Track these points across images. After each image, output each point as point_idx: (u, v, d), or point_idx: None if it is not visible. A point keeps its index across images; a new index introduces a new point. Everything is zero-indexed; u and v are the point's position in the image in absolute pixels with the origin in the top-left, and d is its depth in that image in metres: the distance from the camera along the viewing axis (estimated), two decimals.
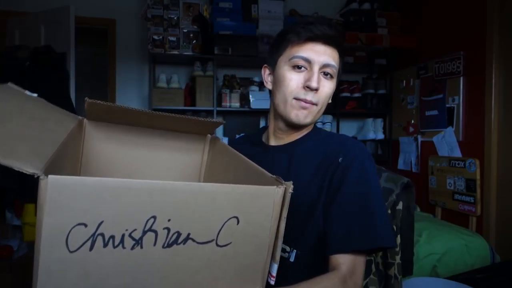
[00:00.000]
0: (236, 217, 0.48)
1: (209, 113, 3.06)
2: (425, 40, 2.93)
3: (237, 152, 0.73)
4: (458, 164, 2.46)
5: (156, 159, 0.83)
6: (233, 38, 2.83)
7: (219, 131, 3.24)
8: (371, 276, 0.89)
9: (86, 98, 0.66)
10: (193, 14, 2.89)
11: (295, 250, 0.76)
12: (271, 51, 0.85)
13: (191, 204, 0.45)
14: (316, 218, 0.75)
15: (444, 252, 2.01)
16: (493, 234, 2.28)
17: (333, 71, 0.78)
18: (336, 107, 3.18)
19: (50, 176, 0.37)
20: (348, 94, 3.22)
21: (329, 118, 3.16)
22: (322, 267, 0.74)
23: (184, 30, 2.88)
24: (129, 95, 3.20)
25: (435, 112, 2.73)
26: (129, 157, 0.80)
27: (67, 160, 0.60)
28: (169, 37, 2.84)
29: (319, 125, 3.08)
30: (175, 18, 2.86)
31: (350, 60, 3.19)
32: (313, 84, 0.75)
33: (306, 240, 0.75)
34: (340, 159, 0.76)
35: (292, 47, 0.78)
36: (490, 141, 2.29)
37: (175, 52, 2.86)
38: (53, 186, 0.38)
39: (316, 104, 0.79)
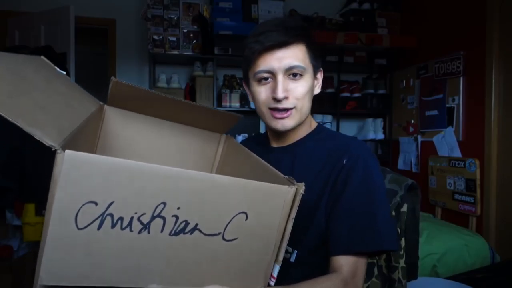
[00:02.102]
0: (245, 213, 0.48)
1: None
2: (425, 40, 2.93)
3: (250, 152, 0.73)
4: (458, 164, 2.46)
5: (170, 149, 0.83)
6: (233, 38, 2.83)
7: None
8: (373, 279, 0.88)
9: (112, 77, 0.66)
10: (193, 14, 2.89)
11: (296, 251, 0.76)
12: (242, 68, 0.85)
13: (202, 194, 0.45)
14: (318, 219, 0.75)
15: (444, 252, 2.01)
16: (493, 234, 2.28)
17: (300, 70, 0.75)
18: (336, 107, 3.18)
19: (67, 151, 0.38)
20: (348, 94, 3.22)
21: (329, 118, 3.16)
22: (322, 267, 0.74)
23: (184, 30, 2.88)
24: None
25: (435, 112, 2.73)
26: (144, 146, 0.81)
27: (85, 138, 0.61)
28: (169, 37, 2.84)
29: None
30: (175, 18, 2.86)
31: (350, 60, 3.19)
32: (278, 95, 0.74)
33: (308, 241, 0.75)
34: (344, 161, 0.75)
35: (254, 62, 0.77)
36: (490, 141, 2.29)
37: (175, 52, 2.86)
38: (69, 161, 0.38)
39: (293, 108, 0.77)
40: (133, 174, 0.41)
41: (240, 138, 2.94)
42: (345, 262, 0.69)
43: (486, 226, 2.30)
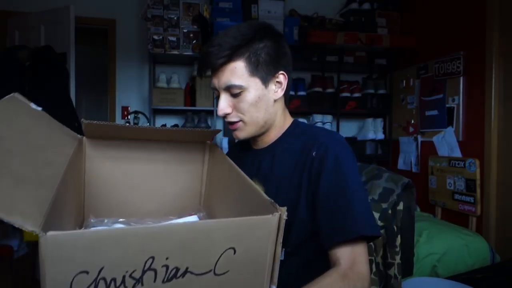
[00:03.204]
0: (233, 248, 0.49)
1: (209, 113, 3.07)
2: (425, 40, 2.93)
3: (233, 164, 0.74)
4: (458, 164, 2.46)
5: (156, 173, 0.84)
6: None
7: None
8: (372, 276, 0.89)
9: (83, 120, 0.68)
10: (193, 14, 2.89)
11: (283, 248, 0.76)
12: None
13: (187, 242, 0.47)
14: (301, 213, 0.76)
15: (444, 252, 2.01)
16: (493, 234, 2.28)
17: (237, 88, 0.78)
18: (336, 107, 3.18)
19: (48, 234, 0.39)
20: (348, 94, 3.22)
21: (329, 118, 3.16)
22: (311, 260, 0.76)
23: (184, 30, 2.88)
24: (129, 95, 3.21)
25: (435, 112, 2.73)
26: (128, 174, 0.82)
27: (69, 190, 0.61)
28: (169, 37, 2.84)
29: (318, 125, 3.08)
30: (175, 18, 2.86)
31: (350, 60, 3.19)
32: (218, 113, 0.81)
33: (294, 237, 0.76)
34: (314, 153, 0.77)
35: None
36: (490, 141, 2.29)
37: (175, 52, 2.86)
38: (52, 242, 0.39)
39: (239, 121, 0.82)
40: (117, 239, 0.43)
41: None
42: (340, 254, 0.69)
43: (486, 226, 2.30)
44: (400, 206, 0.93)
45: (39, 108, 0.69)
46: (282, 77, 0.82)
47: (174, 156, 0.85)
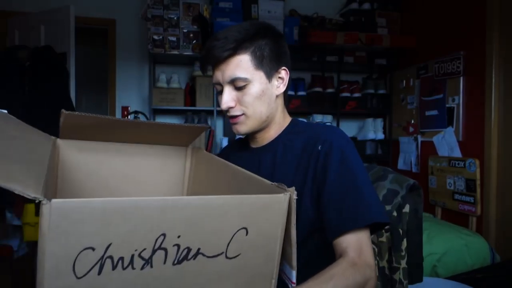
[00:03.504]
0: (245, 228, 0.48)
1: (209, 113, 3.06)
2: (425, 40, 2.93)
3: (227, 162, 0.73)
4: (458, 164, 2.46)
5: (134, 174, 0.81)
6: None
7: (219, 131, 3.24)
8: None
9: (63, 110, 0.64)
10: (193, 14, 2.89)
11: None
12: None
13: (201, 219, 0.44)
14: (304, 209, 0.76)
15: (444, 252, 2.01)
16: (493, 234, 2.28)
17: (242, 81, 0.79)
18: (336, 107, 3.18)
19: (53, 201, 0.35)
20: (348, 94, 3.22)
21: (329, 118, 3.16)
22: (314, 257, 0.76)
23: (184, 30, 2.88)
24: (129, 95, 3.21)
25: (435, 112, 2.73)
26: (106, 175, 0.78)
27: (50, 182, 0.58)
28: (169, 37, 2.84)
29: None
30: (175, 18, 2.86)
31: (350, 60, 3.19)
32: (222, 106, 0.82)
33: (299, 231, 0.75)
34: (319, 147, 0.78)
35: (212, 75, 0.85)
36: (490, 141, 2.29)
37: (175, 52, 2.86)
38: (57, 211, 0.36)
39: (242, 114, 0.83)
40: (128, 212, 0.40)
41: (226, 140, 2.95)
42: (347, 244, 0.69)
43: (486, 226, 2.30)
44: (406, 209, 0.91)
45: (4, 111, 0.65)
46: (284, 73, 0.84)
47: (155, 158, 0.82)
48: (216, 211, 0.45)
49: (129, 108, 3.19)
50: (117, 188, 0.79)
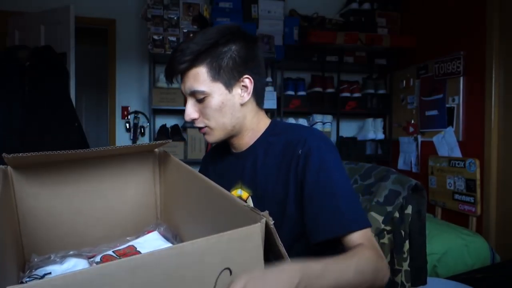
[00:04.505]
0: (228, 268, 0.45)
1: None
2: (425, 40, 2.92)
3: (195, 171, 0.71)
4: (458, 164, 2.46)
5: (100, 192, 0.76)
6: None
7: None
8: None
9: (4, 154, 0.58)
10: (193, 14, 2.89)
11: None
12: None
13: (178, 270, 0.41)
14: (289, 211, 0.77)
15: (444, 252, 2.01)
16: (493, 234, 2.28)
17: (200, 93, 0.79)
18: (336, 107, 3.17)
19: None
20: (348, 94, 3.22)
21: (329, 118, 3.16)
22: (308, 255, 0.75)
23: (184, 30, 2.88)
24: (129, 95, 3.20)
25: (435, 112, 2.72)
26: (67, 199, 0.73)
27: (3, 231, 0.53)
28: (169, 37, 2.84)
29: (319, 125, 3.08)
30: (175, 18, 2.86)
31: (350, 60, 3.19)
32: (185, 118, 0.83)
33: (284, 235, 0.75)
34: (300, 151, 0.77)
35: None
36: (490, 141, 2.29)
37: None
38: None
39: (205, 126, 0.83)
40: (96, 284, 0.36)
41: None
42: (352, 241, 0.70)
43: (486, 226, 2.30)
44: (408, 210, 0.89)
45: None
46: (247, 81, 0.81)
47: (118, 170, 0.77)
48: (193, 257, 0.42)
49: (129, 108, 3.19)
50: (82, 209, 0.74)
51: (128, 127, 3.16)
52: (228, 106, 0.81)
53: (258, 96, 0.85)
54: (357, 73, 3.47)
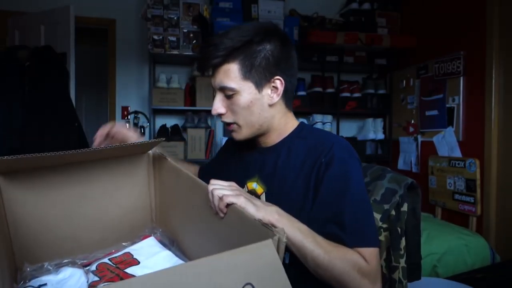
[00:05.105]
0: (250, 284, 0.43)
1: (209, 113, 3.06)
2: (425, 40, 2.92)
3: (193, 177, 0.69)
4: (458, 164, 2.45)
5: (93, 196, 0.74)
6: None
7: (219, 131, 3.24)
8: None
9: None
10: (193, 14, 2.89)
11: (287, 252, 0.74)
12: None
13: (205, 282, 0.39)
14: (304, 218, 0.74)
15: (444, 252, 2.01)
16: (493, 234, 2.28)
17: (229, 90, 0.78)
18: (336, 107, 3.17)
19: None
20: (348, 94, 3.22)
21: (329, 118, 3.16)
22: None
23: (184, 30, 2.88)
24: (129, 95, 3.20)
25: (435, 112, 2.72)
26: (62, 205, 0.71)
27: None
28: (169, 37, 2.84)
29: (319, 125, 3.08)
30: (175, 18, 2.86)
31: (350, 60, 3.19)
32: (212, 112, 0.82)
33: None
34: (323, 159, 0.76)
35: None
36: (490, 141, 2.29)
37: (175, 52, 2.85)
38: None
39: (233, 123, 0.82)
40: None
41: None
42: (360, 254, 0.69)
43: (486, 226, 2.30)
44: (404, 208, 0.91)
45: None
46: (278, 83, 0.80)
47: (111, 172, 0.75)
48: (209, 276, 0.40)
49: (129, 108, 3.19)
50: (75, 213, 0.72)
51: (128, 127, 3.15)
52: (256, 105, 0.80)
53: (287, 98, 0.84)
54: (357, 73, 3.47)
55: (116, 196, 0.77)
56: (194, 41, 2.89)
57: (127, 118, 3.18)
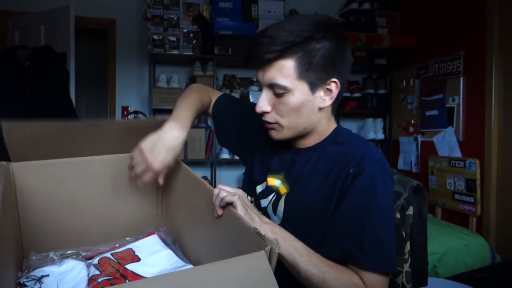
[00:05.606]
0: None
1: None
2: (425, 40, 2.92)
3: (203, 181, 0.68)
4: (458, 164, 2.45)
5: (100, 190, 0.75)
6: (233, 38, 2.83)
7: None
8: None
9: (2, 121, 0.58)
10: (193, 14, 2.89)
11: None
12: None
13: None
14: (323, 229, 0.72)
15: (444, 252, 2.01)
16: (493, 234, 2.28)
17: (280, 88, 0.71)
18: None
19: None
20: (348, 94, 3.22)
21: None
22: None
23: (184, 30, 2.88)
24: (129, 95, 3.20)
25: (435, 112, 2.72)
26: (67, 196, 0.73)
27: (3, 227, 0.53)
28: (169, 37, 2.84)
29: None
30: (175, 18, 2.86)
31: None
32: (256, 109, 0.75)
33: (313, 244, 0.72)
34: (351, 170, 0.71)
35: None
36: (490, 141, 2.29)
37: (175, 52, 2.85)
38: None
39: (276, 123, 0.75)
40: None
41: None
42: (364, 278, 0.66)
43: (486, 226, 2.30)
44: (410, 211, 0.88)
45: None
46: (333, 85, 0.74)
47: (120, 168, 0.76)
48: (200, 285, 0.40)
49: (129, 108, 3.19)
50: (83, 207, 0.73)
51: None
52: (307, 107, 0.73)
53: (336, 102, 0.78)
54: (357, 73, 3.47)
55: (124, 191, 0.78)
56: (194, 41, 2.89)
57: (127, 118, 3.17)
